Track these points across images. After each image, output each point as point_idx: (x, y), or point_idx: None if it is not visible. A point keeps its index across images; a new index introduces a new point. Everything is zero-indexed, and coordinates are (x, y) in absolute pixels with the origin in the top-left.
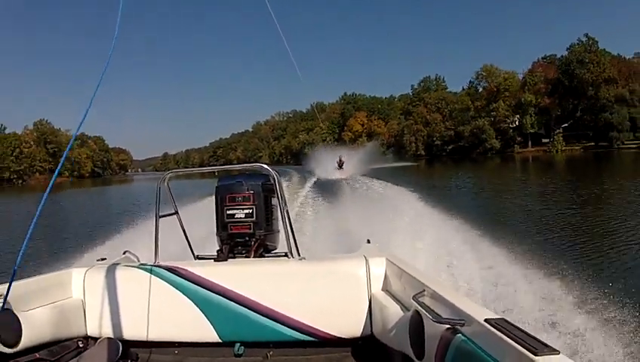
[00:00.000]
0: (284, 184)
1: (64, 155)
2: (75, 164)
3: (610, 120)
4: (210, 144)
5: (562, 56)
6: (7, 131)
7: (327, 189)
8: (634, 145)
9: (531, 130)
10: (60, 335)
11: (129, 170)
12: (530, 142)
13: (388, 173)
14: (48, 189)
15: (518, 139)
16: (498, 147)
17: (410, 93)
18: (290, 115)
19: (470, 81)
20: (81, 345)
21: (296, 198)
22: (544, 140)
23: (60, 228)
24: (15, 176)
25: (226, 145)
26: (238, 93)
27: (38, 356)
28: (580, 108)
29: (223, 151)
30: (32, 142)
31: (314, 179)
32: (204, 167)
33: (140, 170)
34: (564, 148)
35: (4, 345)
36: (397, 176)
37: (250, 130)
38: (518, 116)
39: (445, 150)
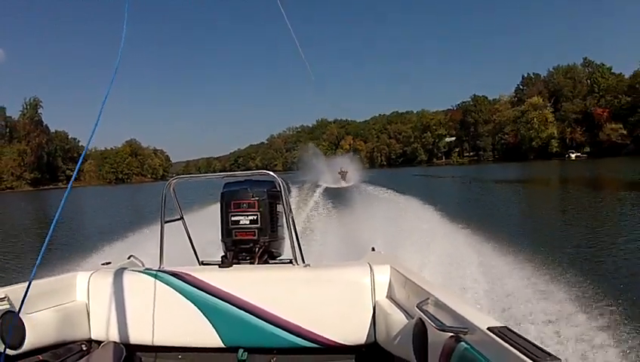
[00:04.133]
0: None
1: (79, 161)
2: (154, 170)
3: (480, 145)
4: (230, 153)
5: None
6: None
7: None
8: (491, 159)
9: (444, 150)
10: (63, 338)
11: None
12: (443, 157)
13: (381, 176)
14: (67, 193)
15: (439, 154)
16: (425, 159)
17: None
18: (299, 130)
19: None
20: (84, 349)
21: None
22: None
23: (75, 230)
24: (125, 176)
25: (246, 155)
26: (253, 107)
27: (41, 358)
28: (471, 137)
29: (243, 160)
30: (125, 155)
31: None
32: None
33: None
34: (458, 160)
35: (8, 347)
36: (386, 179)
37: (266, 141)
38: (448, 139)
39: (398, 161)
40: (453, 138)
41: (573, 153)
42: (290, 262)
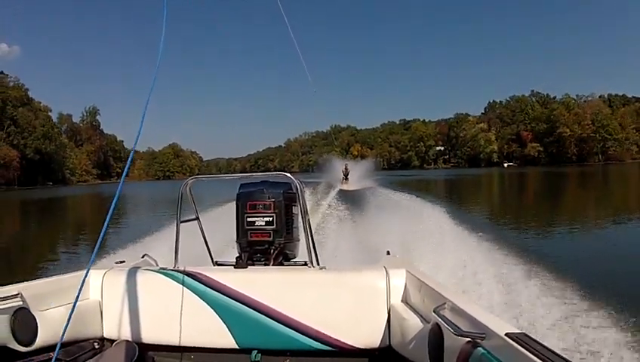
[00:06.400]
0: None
1: (128, 162)
2: (191, 169)
3: (459, 154)
4: (248, 155)
5: (449, 119)
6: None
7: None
8: (467, 166)
9: (433, 157)
10: (76, 336)
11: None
12: (432, 163)
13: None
14: (119, 190)
15: (429, 161)
16: (418, 165)
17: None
18: (314, 135)
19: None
20: (96, 346)
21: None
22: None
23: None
24: (170, 174)
25: (265, 157)
26: (271, 113)
27: (53, 355)
28: (452, 147)
29: (263, 162)
30: (170, 156)
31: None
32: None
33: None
34: (443, 166)
35: (20, 344)
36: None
37: (283, 145)
38: (437, 148)
39: (397, 165)
40: (442, 148)
41: (506, 163)
42: (305, 264)
